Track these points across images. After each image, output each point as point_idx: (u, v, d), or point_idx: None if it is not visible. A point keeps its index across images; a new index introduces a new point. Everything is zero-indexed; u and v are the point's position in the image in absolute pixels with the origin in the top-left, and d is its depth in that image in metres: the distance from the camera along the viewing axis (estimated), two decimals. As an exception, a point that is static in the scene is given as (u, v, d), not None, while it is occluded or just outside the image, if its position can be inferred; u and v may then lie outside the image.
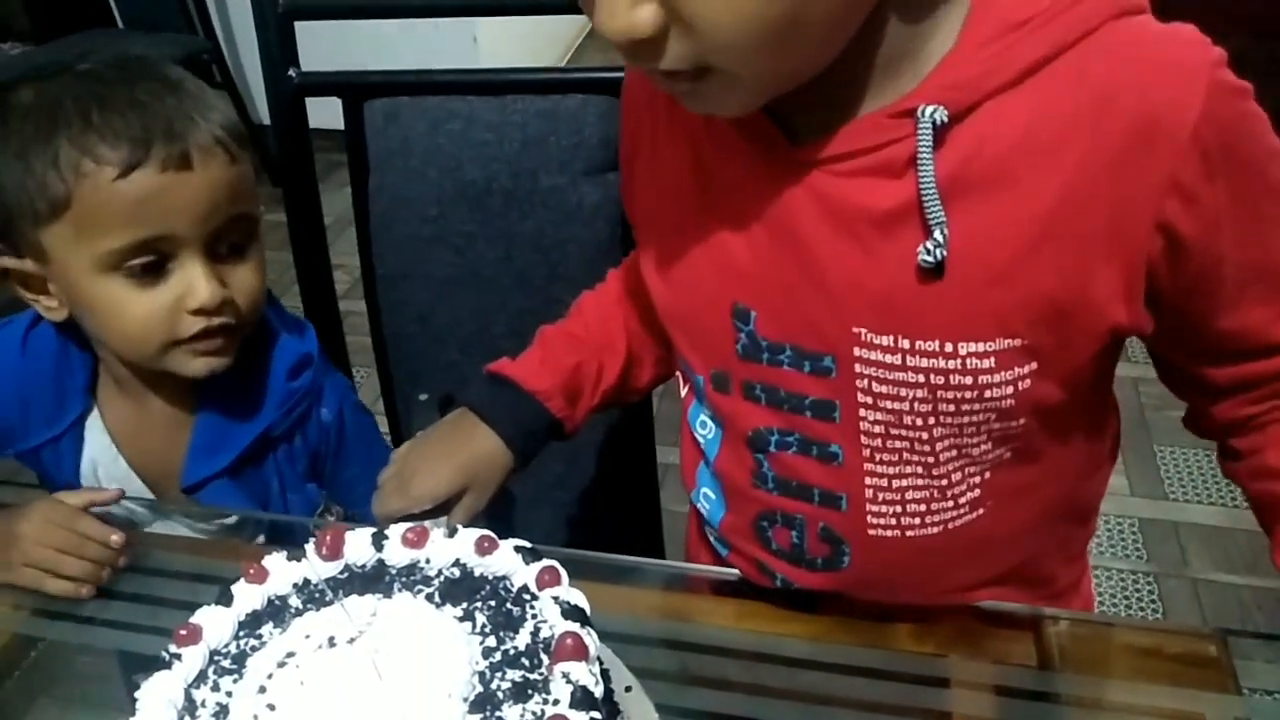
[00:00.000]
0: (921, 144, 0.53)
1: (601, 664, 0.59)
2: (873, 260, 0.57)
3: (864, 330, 0.59)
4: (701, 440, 0.75)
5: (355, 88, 1.10)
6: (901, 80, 0.55)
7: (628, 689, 0.63)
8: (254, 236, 0.85)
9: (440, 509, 0.76)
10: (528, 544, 0.60)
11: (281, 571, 0.60)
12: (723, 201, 0.63)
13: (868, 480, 0.65)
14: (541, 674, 0.52)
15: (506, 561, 0.59)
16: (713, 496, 0.77)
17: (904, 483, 0.64)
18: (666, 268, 0.68)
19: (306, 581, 0.60)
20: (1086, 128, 0.53)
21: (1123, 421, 0.75)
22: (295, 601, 0.59)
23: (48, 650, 0.82)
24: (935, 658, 0.69)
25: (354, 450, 0.97)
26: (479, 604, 0.57)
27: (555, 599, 0.56)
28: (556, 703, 0.50)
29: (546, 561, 0.59)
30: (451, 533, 0.63)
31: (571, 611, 0.55)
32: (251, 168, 0.83)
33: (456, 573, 0.60)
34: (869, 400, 0.61)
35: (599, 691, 0.51)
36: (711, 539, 0.81)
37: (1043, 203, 0.54)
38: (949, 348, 0.57)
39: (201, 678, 0.54)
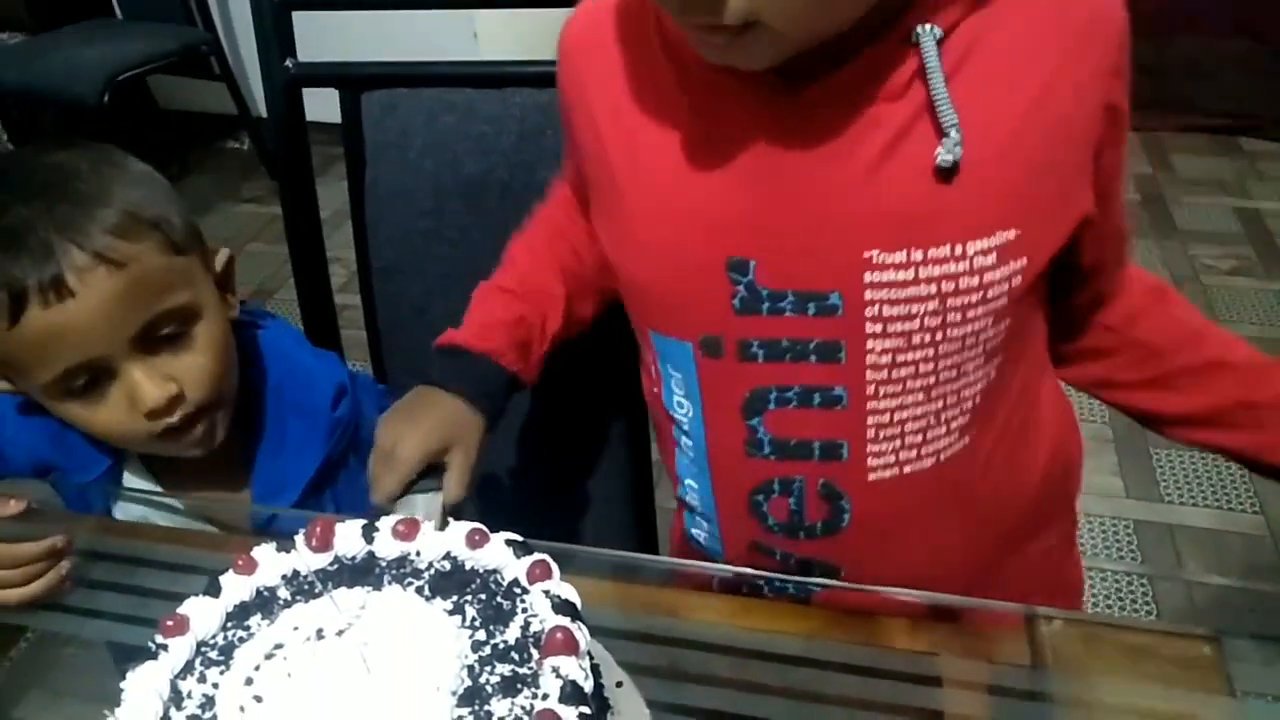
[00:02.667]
0: (927, 57, 0.58)
1: (592, 659, 0.58)
2: (883, 180, 0.60)
3: (875, 252, 0.60)
4: (682, 422, 0.74)
5: (352, 79, 1.09)
6: (890, 13, 0.59)
7: (619, 684, 0.63)
8: (194, 320, 0.81)
9: (433, 474, 0.75)
10: (519, 537, 0.60)
11: (270, 563, 0.60)
12: (715, 155, 0.63)
13: (870, 420, 0.66)
14: (531, 668, 0.52)
15: (497, 555, 0.59)
16: (696, 486, 0.77)
17: (904, 414, 0.66)
18: (646, 234, 0.68)
19: (295, 573, 0.60)
20: (1054, 27, 0.60)
21: (1118, 424, 0.77)
22: (284, 593, 0.59)
23: (37, 642, 0.82)
24: (927, 656, 0.69)
25: None
26: (469, 597, 0.57)
27: (546, 593, 0.56)
28: (546, 697, 0.50)
29: (537, 555, 0.58)
30: (444, 525, 0.62)
31: (562, 606, 0.55)
32: (176, 251, 0.79)
33: (447, 566, 0.59)
34: (878, 329, 0.63)
35: (589, 686, 0.51)
36: (700, 540, 0.81)
37: (1030, 97, 0.60)
38: (958, 250, 0.60)
39: (188, 669, 0.54)
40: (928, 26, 0.58)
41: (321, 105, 1.11)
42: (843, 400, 0.66)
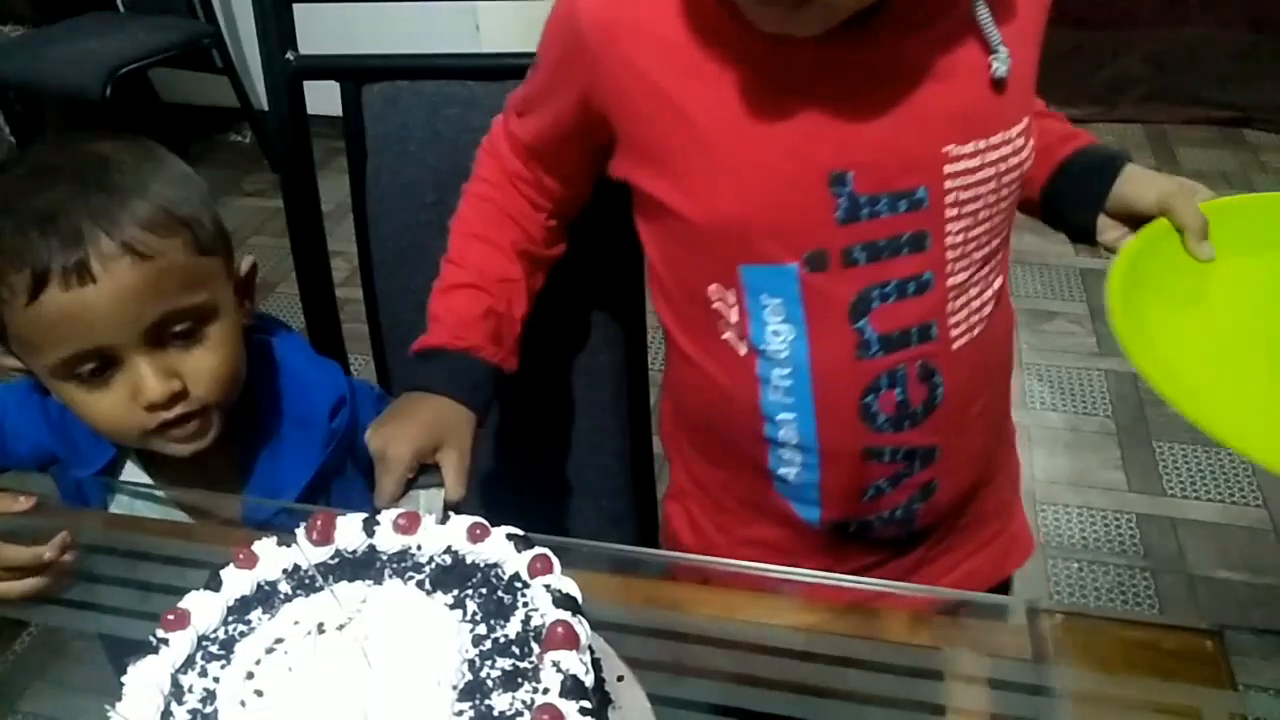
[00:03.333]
0: None
1: (593, 653, 0.58)
2: (952, 88, 0.72)
3: (952, 146, 0.72)
4: (777, 352, 0.77)
5: (353, 72, 1.09)
6: None
7: (620, 678, 0.63)
8: (209, 320, 0.82)
9: (432, 472, 0.75)
10: (520, 531, 0.60)
11: (271, 557, 0.60)
12: (801, 86, 0.71)
13: (949, 294, 0.76)
14: (532, 662, 0.52)
15: (498, 549, 0.59)
16: (793, 416, 0.79)
17: (971, 283, 0.77)
18: (745, 173, 0.73)
19: (296, 567, 0.60)
20: None
21: (1121, 418, 0.79)
22: (285, 587, 0.59)
23: (40, 635, 0.82)
24: (929, 650, 0.69)
25: None
26: (470, 591, 0.57)
27: (547, 587, 0.56)
28: (546, 691, 0.50)
29: (538, 549, 0.58)
30: (444, 519, 0.62)
31: (563, 600, 0.55)
32: (202, 252, 0.80)
33: (448, 560, 0.59)
34: (954, 213, 0.74)
35: (589, 680, 0.51)
36: (788, 478, 0.82)
37: (1026, 13, 0.75)
38: (1006, 136, 0.74)
39: (189, 663, 0.54)
40: None
41: (323, 98, 1.11)
42: (931, 283, 0.75)
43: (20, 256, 0.74)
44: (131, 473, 0.92)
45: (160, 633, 0.54)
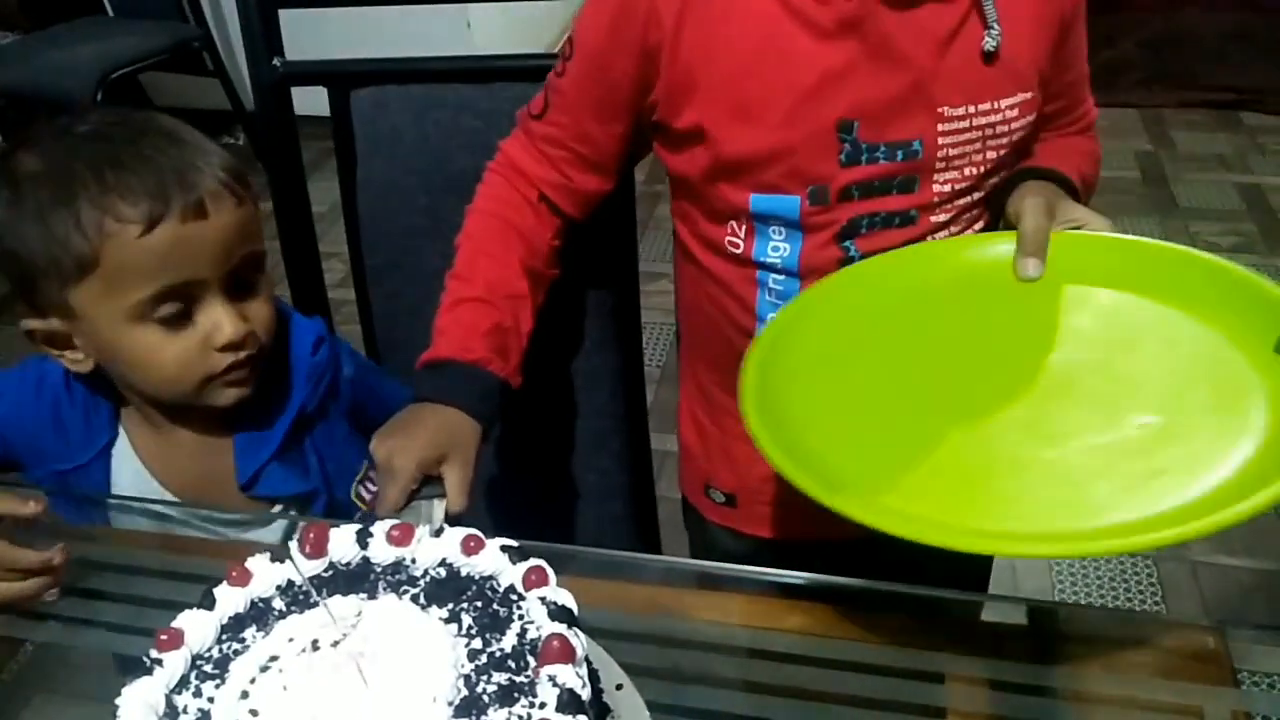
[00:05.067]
0: None
1: (590, 663, 0.58)
2: (948, 55, 0.80)
3: (945, 107, 0.81)
4: (775, 263, 0.87)
5: (340, 76, 1.08)
6: None
7: (618, 687, 0.63)
8: (263, 270, 0.87)
9: (435, 483, 0.75)
10: (515, 543, 0.60)
11: (264, 573, 0.59)
12: (823, 41, 0.78)
13: (931, 231, 0.86)
14: (528, 676, 0.51)
15: (493, 561, 0.59)
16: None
17: (953, 227, 0.87)
18: (770, 115, 0.81)
19: (290, 583, 0.59)
20: None
21: None
22: (279, 604, 0.58)
23: (44, 646, 0.82)
24: (930, 652, 0.69)
25: (387, 392, 0.99)
26: (465, 605, 0.56)
27: (542, 600, 0.55)
28: (543, 706, 0.49)
29: (533, 561, 0.58)
30: (439, 531, 0.62)
31: (558, 612, 0.54)
32: (255, 207, 0.86)
33: (442, 573, 0.59)
34: (943, 165, 0.83)
35: (586, 694, 0.50)
36: None
37: (1044, 6, 0.83)
38: (997, 105, 0.83)
39: (183, 683, 0.54)
40: None
41: (316, 99, 1.10)
42: (915, 219, 0.85)
43: (134, 191, 0.77)
44: (121, 456, 0.92)
45: (154, 653, 0.54)
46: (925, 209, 0.85)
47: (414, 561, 0.60)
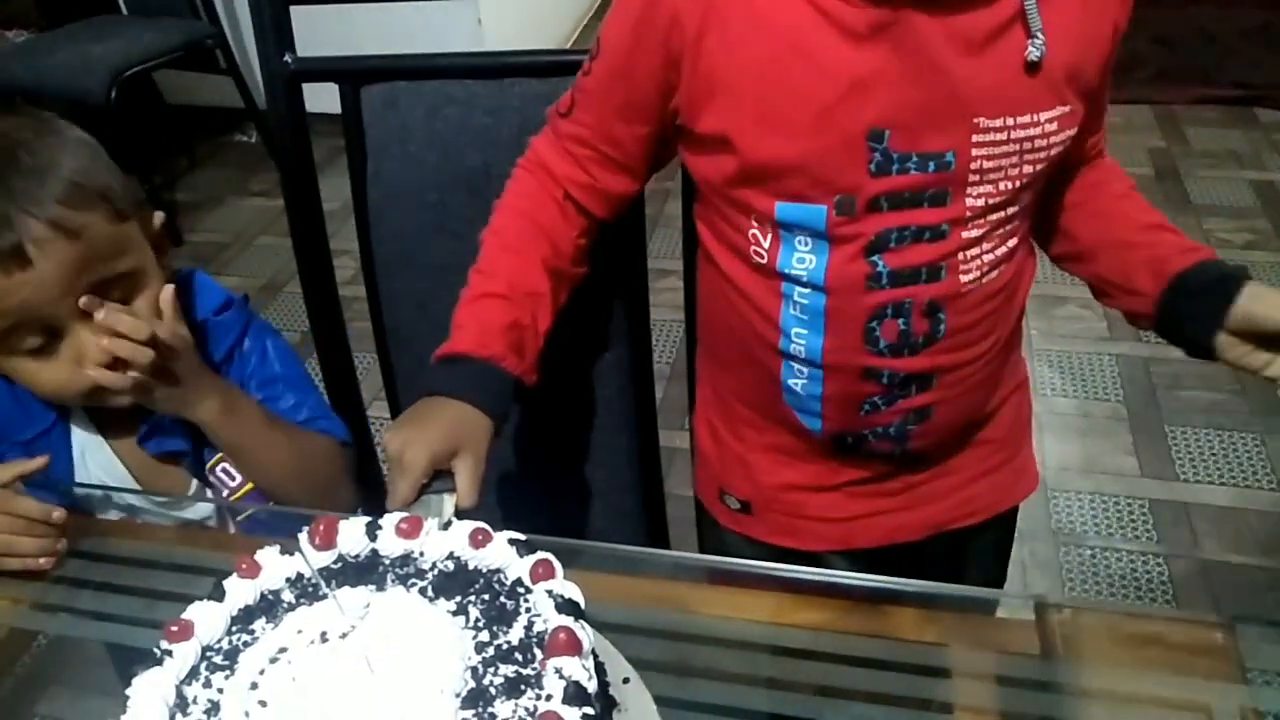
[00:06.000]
0: None
1: (597, 657, 0.58)
2: (986, 64, 0.76)
3: (981, 119, 0.77)
4: (800, 275, 0.84)
5: (351, 74, 1.08)
6: None
7: (625, 680, 0.63)
8: (138, 285, 0.86)
9: (446, 478, 0.75)
10: (522, 536, 0.60)
11: (274, 566, 0.60)
12: (853, 46, 0.76)
13: (963, 246, 0.82)
14: (534, 669, 0.52)
15: (501, 554, 0.59)
16: (806, 332, 0.86)
17: (986, 239, 0.83)
18: (798, 121, 0.79)
19: (300, 576, 0.60)
20: None
21: (1133, 404, 0.78)
22: (288, 596, 0.59)
23: (57, 639, 0.83)
24: (937, 647, 0.69)
25: (284, 376, 1.00)
26: (472, 598, 0.57)
27: (549, 592, 0.56)
28: (549, 698, 0.50)
29: (541, 554, 0.58)
30: (447, 525, 0.62)
31: (565, 605, 0.54)
32: (122, 221, 0.83)
33: (450, 566, 0.59)
34: (976, 178, 0.80)
35: (592, 687, 0.51)
36: (795, 389, 0.88)
37: (1081, 7, 0.78)
38: (1036, 118, 0.79)
39: (193, 674, 0.54)
40: None
41: (327, 96, 1.10)
42: (946, 234, 0.81)
43: None
44: (79, 419, 0.94)
45: (164, 644, 0.55)
46: (956, 223, 0.81)
47: (422, 554, 0.61)
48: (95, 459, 0.94)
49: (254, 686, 0.52)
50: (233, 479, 0.95)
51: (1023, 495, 1.03)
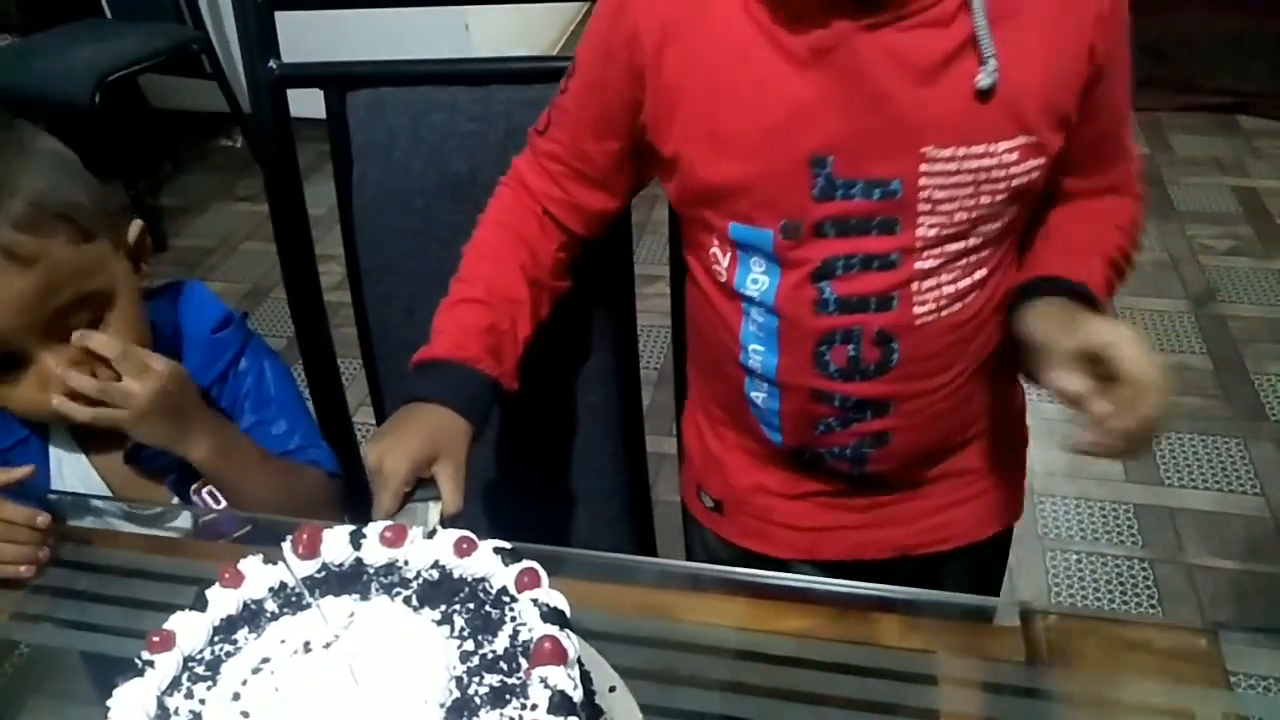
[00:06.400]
0: None
1: (583, 665, 0.58)
2: (936, 91, 0.73)
3: (930, 148, 0.74)
4: (753, 295, 0.84)
5: (337, 79, 1.08)
6: None
7: (611, 689, 0.63)
8: (107, 304, 0.83)
9: (430, 486, 0.75)
10: (507, 544, 0.60)
11: (257, 575, 0.59)
12: (798, 72, 0.74)
13: (916, 277, 0.79)
14: (519, 678, 0.52)
15: (485, 563, 0.59)
16: (762, 349, 0.86)
17: (943, 271, 0.80)
18: (741, 145, 0.78)
19: (283, 585, 0.59)
20: None
21: None
22: (271, 606, 0.58)
23: (38, 649, 0.82)
24: (923, 654, 0.69)
25: (278, 400, 0.99)
26: (457, 606, 0.56)
27: (534, 601, 0.55)
28: (535, 708, 0.49)
29: (526, 563, 0.58)
30: (432, 534, 0.62)
31: (550, 614, 0.54)
32: (87, 238, 0.80)
33: (435, 575, 0.59)
34: (927, 209, 0.77)
35: (578, 696, 0.50)
36: (757, 402, 0.88)
37: (1046, 28, 0.74)
38: (991, 148, 0.75)
39: (175, 685, 0.54)
40: None
41: (313, 101, 1.10)
42: (897, 263, 0.79)
43: None
44: (57, 429, 0.93)
45: (146, 655, 0.54)
46: (908, 253, 0.78)
47: (407, 563, 0.60)
48: (73, 471, 0.93)
49: (236, 697, 0.52)
50: (218, 502, 0.94)
51: (1001, 526, 1.00)
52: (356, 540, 0.61)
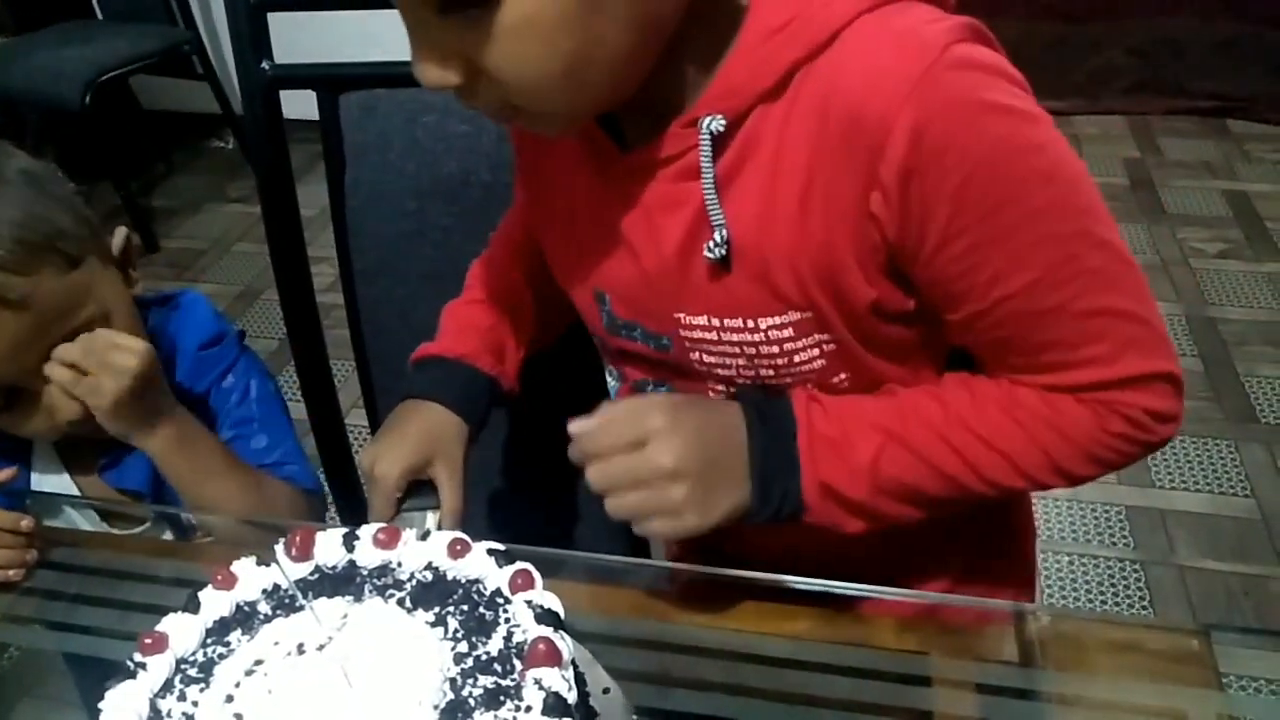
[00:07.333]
0: (703, 154, 0.61)
1: (577, 667, 0.58)
2: (684, 253, 0.65)
3: (683, 314, 0.67)
4: (611, 391, 0.83)
5: (329, 80, 1.08)
6: (702, 87, 0.62)
7: (605, 691, 0.63)
8: (106, 323, 0.83)
9: (424, 491, 0.75)
10: (501, 546, 0.59)
11: (250, 577, 0.59)
12: (580, 201, 0.71)
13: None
14: (514, 680, 0.51)
15: (479, 565, 0.58)
16: None
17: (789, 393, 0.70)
18: (550, 254, 0.78)
19: (276, 587, 0.59)
20: (819, 125, 0.59)
21: None
22: (264, 608, 0.58)
23: (29, 651, 0.82)
24: (917, 656, 0.69)
25: (260, 416, 0.98)
26: (451, 608, 0.56)
27: (528, 603, 0.55)
28: (529, 709, 0.49)
29: (520, 564, 0.58)
30: (425, 535, 0.62)
31: (545, 616, 0.54)
32: (74, 264, 0.79)
33: (429, 576, 0.59)
34: (703, 370, 0.70)
35: (572, 698, 0.50)
36: None
37: (798, 195, 0.60)
38: (751, 324, 0.65)
39: (168, 687, 0.53)
40: (708, 119, 0.60)
41: (306, 102, 1.10)
42: (708, 395, 0.72)
43: None
44: (41, 450, 0.93)
45: (138, 656, 0.54)
46: (713, 393, 0.72)
47: (400, 565, 0.60)
48: (54, 487, 0.93)
49: (229, 699, 0.52)
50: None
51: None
52: (350, 542, 0.61)
